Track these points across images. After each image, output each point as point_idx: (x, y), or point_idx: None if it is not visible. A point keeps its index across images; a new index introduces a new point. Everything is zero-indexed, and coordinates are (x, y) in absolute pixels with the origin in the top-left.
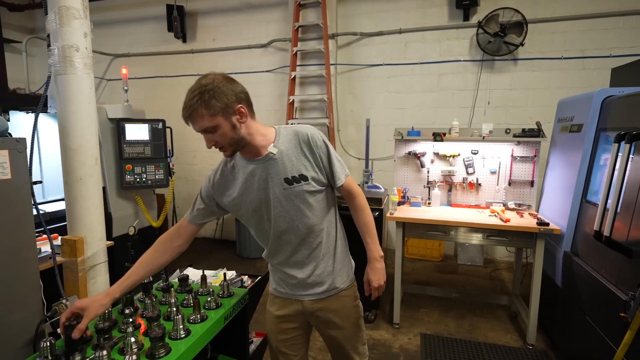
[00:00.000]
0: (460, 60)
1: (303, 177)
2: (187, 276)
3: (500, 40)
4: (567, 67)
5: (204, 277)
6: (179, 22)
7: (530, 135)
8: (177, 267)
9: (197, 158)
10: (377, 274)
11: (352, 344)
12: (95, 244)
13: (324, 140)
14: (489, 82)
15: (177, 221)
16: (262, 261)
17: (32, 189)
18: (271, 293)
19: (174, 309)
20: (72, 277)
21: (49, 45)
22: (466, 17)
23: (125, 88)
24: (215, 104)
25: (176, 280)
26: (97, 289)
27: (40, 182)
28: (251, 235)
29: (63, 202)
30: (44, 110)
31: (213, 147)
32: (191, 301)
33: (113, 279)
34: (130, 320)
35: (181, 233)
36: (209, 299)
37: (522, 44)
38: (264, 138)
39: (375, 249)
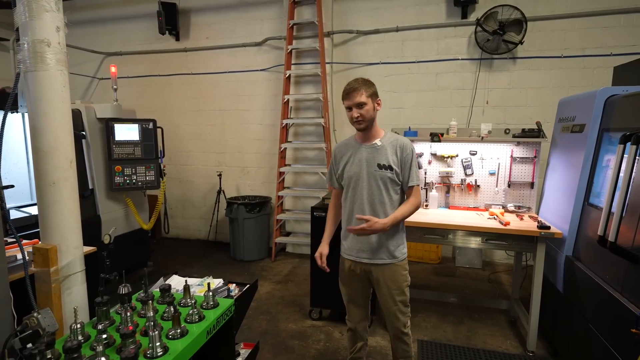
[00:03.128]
0: (458, 59)
1: (390, 167)
2: (169, 286)
3: (499, 39)
4: (567, 66)
5: (186, 287)
6: (163, 18)
7: (530, 135)
8: (162, 274)
9: (191, 158)
10: (372, 222)
11: (397, 304)
12: (70, 252)
13: (413, 151)
14: (488, 81)
15: (169, 223)
16: (257, 264)
17: (2, 193)
18: (342, 255)
19: (152, 323)
20: (44, 288)
21: (17, 40)
22: (464, 15)
23: (115, 87)
24: (370, 89)
25: (158, 290)
26: (73, 300)
27: (12, 186)
28: (246, 237)
29: None
30: (14, 109)
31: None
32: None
33: (92, 288)
34: (104, 336)
35: (337, 195)
36: (190, 311)
37: (521, 42)
38: (377, 131)
39: (389, 219)
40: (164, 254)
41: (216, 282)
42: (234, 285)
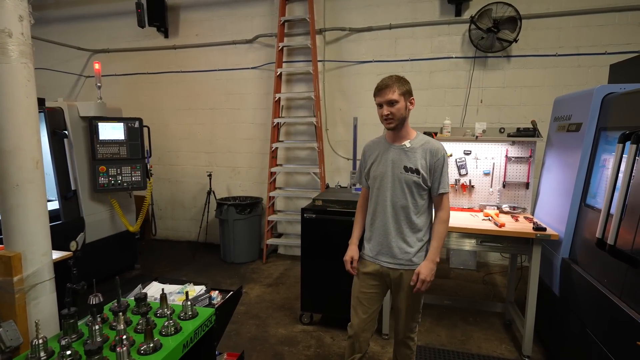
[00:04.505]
0: (452, 57)
1: (417, 171)
2: (145, 295)
3: (493, 36)
4: (562, 65)
5: (163, 297)
6: (143, 10)
7: (525, 135)
8: (149, 277)
9: (180, 158)
10: (427, 271)
11: (411, 310)
12: (37, 259)
13: (444, 156)
14: (482, 79)
15: (157, 225)
16: (247, 266)
17: None
18: (360, 256)
19: (123, 337)
20: (7, 299)
21: None
22: (458, 12)
23: (99, 84)
24: (403, 87)
25: (133, 298)
26: (40, 311)
27: None
28: (236, 238)
29: None
30: None
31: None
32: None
33: (61, 298)
34: (68, 352)
35: (366, 194)
36: (166, 323)
37: (515, 40)
38: (408, 132)
39: (435, 253)
40: (152, 257)
41: (197, 290)
42: (217, 292)
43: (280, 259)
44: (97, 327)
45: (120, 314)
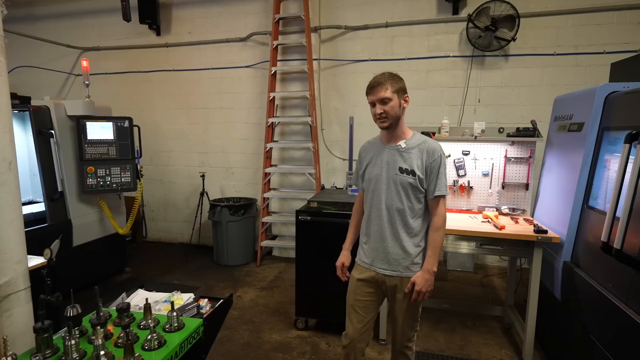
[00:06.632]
0: (449, 56)
1: (412, 172)
2: (128, 305)
3: (491, 35)
4: (560, 64)
5: (147, 307)
6: (128, 3)
7: (525, 134)
8: (140, 280)
9: (173, 159)
10: (423, 281)
11: (408, 319)
12: (9, 268)
13: (441, 157)
14: (479, 79)
15: (147, 227)
16: (241, 269)
17: None
18: (356, 262)
19: (101, 352)
20: None
21: None
22: (455, 11)
23: (87, 82)
24: (396, 84)
25: (114, 308)
26: (14, 323)
27: None
28: (230, 241)
29: None
30: None
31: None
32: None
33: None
34: None
35: (361, 198)
36: (149, 336)
37: (513, 39)
38: (403, 132)
39: (431, 263)
40: (143, 259)
41: (185, 298)
42: (206, 300)
43: (275, 262)
44: (72, 342)
45: (99, 327)
